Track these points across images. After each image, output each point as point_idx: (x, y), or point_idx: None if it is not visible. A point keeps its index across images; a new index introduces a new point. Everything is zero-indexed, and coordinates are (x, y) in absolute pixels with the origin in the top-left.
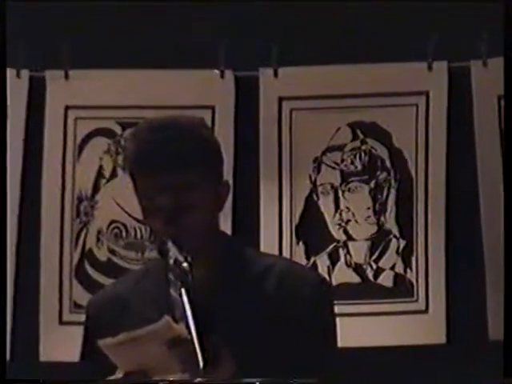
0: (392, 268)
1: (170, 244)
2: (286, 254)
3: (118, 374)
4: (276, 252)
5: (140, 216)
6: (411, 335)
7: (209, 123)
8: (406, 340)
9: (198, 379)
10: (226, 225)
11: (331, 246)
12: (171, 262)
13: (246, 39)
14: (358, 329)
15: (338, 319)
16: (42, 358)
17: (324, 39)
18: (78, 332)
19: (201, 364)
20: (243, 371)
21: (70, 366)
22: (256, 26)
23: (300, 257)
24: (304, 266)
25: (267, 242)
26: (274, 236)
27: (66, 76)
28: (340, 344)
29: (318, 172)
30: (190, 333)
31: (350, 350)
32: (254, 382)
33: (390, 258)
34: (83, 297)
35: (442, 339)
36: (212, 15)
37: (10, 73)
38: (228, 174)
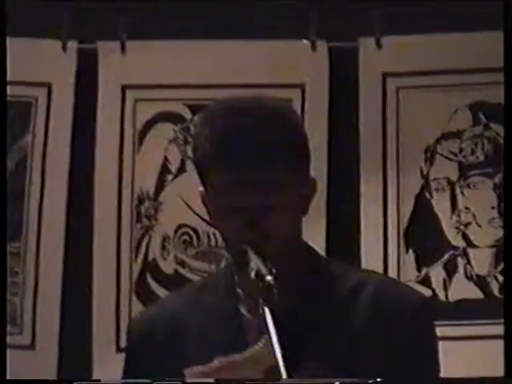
0: None
1: (250, 253)
2: (392, 264)
3: None
4: (381, 263)
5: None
6: None
7: (298, 105)
8: None
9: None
10: (319, 231)
11: (448, 255)
12: (252, 274)
13: (342, 2)
14: (481, 355)
15: (456, 343)
16: None
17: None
18: None
19: None
20: None
21: None
22: None
23: (410, 268)
24: (402, 283)
25: (369, 251)
26: (378, 243)
27: (123, 48)
28: (459, 373)
29: (431, 164)
30: (276, 360)
31: (471, 380)
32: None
33: None
34: None
35: None
36: None
37: (54, 45)
38: (322, 168)
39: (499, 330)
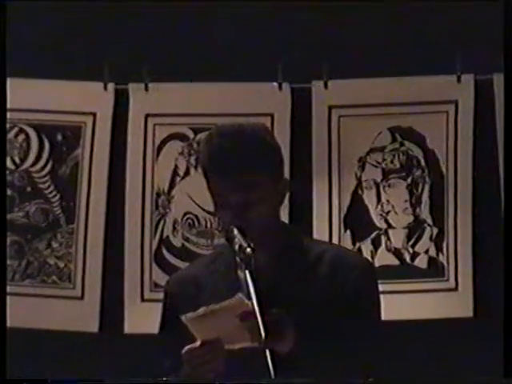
0: (426, 252)
1: (235, 232)
2: (335, 240)
3: (196, 343)
4: (327, 239)
5: (210, 208)
6: (443, 310)
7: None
8: (439, 314)
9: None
10: (284, 216)
11: (374, 234)
12: (236, 247)
13: (301, 56)
14: (397, 304)
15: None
16: (126, 330)
17: (368, 56)
18: (157, 308)
19: (263, 335)
20: (302, 340)
21: (148, 338)
22: (309, 46)
23: (347, 243)
24: (352, 251)
25: (319, 231)
26: (325, 225)
27: (146, 88)
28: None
29: (363, 170)
30: (254, 308)
31: (389, 322)
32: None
33: (425, 244)
34: (161, 278)
35: (470, 313)
36: (271, 37)
37: (97, 86)
38: (286, 173)
39: (410, 286)
